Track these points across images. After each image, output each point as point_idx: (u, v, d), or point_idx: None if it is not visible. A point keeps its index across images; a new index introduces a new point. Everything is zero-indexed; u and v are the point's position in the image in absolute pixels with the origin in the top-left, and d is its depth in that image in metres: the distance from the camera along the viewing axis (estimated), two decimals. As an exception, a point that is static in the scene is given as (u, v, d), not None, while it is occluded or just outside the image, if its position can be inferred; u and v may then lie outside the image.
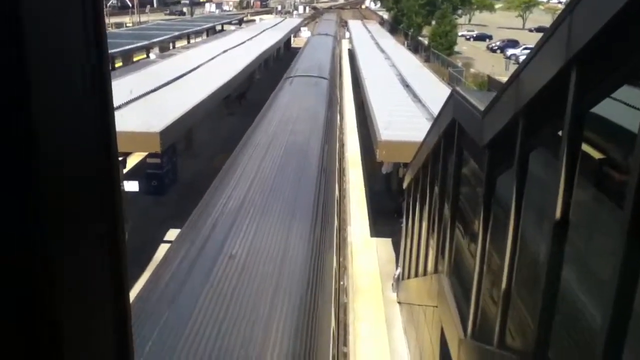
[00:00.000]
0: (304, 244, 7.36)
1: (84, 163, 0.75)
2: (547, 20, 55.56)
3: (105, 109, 0.77)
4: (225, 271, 6.43)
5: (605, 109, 3.06)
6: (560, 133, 3.35)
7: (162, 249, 12.48)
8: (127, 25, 68.55)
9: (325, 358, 6.05)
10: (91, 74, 0.74)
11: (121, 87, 19.80)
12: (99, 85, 0.76)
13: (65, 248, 0.71)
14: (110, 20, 73.92)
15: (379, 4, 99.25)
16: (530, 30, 77.65)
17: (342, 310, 10.01)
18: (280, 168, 10.26)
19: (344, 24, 74.94)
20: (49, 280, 0.68)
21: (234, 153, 12.07)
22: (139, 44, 36.24)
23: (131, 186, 15.20)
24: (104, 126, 0.78)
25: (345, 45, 53.11)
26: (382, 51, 39.64)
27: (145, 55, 38.57)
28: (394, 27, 76.29)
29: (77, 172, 0.73)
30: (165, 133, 13.91)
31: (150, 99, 18.26)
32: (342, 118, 25.61)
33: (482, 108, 5.53)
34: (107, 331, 0.82)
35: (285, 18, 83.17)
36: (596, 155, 3.34)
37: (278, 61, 45.54)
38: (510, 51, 59.55)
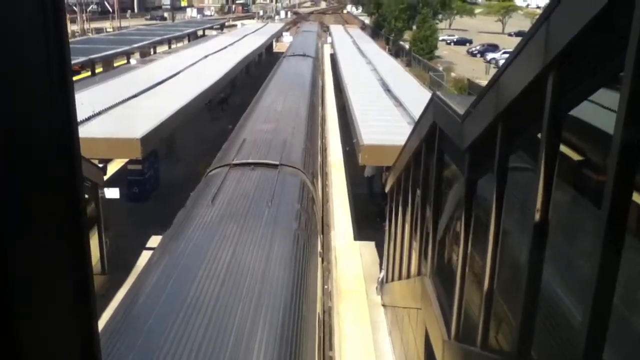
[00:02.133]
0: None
1: (43, 166, 0.75)
2: (526, 25, 56.24)
3: (66, 112, 0.78)
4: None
5: (583, 111, 3.12)
6: (539, 135, 3.40)
7: (145, 255, 12.40)
8: (108, 30, 68.01)
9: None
10: (51, 79, 0.75)
11: (101, 93, 19.67)
12: (60, 89, 0.76)
13: (25, 250, 0.70)
14: (90, 25, 73.32)
15: (360, 9, 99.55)
16: (510, 35, 78.45)
17: (327, 314, 10.02)
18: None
19: (325, 29, 75.02)
20: (6, 283, 0.68)
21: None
22: (119, 50, 36.04)
23: (112, 193, 15.06)
24: (65, 130, 0.78)
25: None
26: (364, 56, 39.77)
27: (126, 61, 38.31)
28: (375, 32, 76.63)
29: (36, 175, 0.73)
30: (146, 139, 13.83)
31: (130, 105, 18.14)
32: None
33: (462, 112, 5.58)
34: (72, 335, 0.81)
35: (267, 23, 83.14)
36: (575, 156, 3.40)
37: (260, 66, 45.49)
38: (490, 55, 60.16)
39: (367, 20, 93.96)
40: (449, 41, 77.86)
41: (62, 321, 0.79)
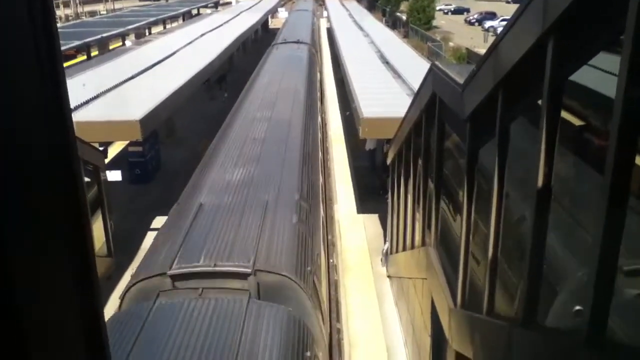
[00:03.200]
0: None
1: (38, 161, 0.73)
2: (523, -10, 55.35)
3: (59, 101, 0.76)
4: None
5: (584, 76, 3.10)
6: (539, 102, 3.38)
7: (149, 236, 12.46)
8: (102, 13, 67.37)
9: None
10: (41, 68, 0.72)
11: (98, 76, 19.56)
12: (51, 79, 0.74)
13: (25, 247, 0.69)
14: (83, 8, 72.63)
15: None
16: (508, 2, 77.51)
17: (333, 287, 10.09)
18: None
19: (321, 3, 74.14)
20: (7, 282, 0.66)
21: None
22: (114, 32, 35.74)
23: (114, 176, 15.09)
24: (59, 121, 0.76)
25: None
26: (361, 29, 39.40)
27: (121, 43, 38.03)
28: (371, 4, 75.80)
29: (32, 170, 0.71)
30: (145, 120, 13.81)
31: (128, 87, 18.06)
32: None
33: (461, 81, 5.56)
34: (77, 321, 0.80)
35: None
36: (576, 122, 3.39)
37: (256, 43, 45.12)
38: (488, 23, 59.58)
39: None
40: (446, 10, 77.12)
41: (65, 309, 0.79)
